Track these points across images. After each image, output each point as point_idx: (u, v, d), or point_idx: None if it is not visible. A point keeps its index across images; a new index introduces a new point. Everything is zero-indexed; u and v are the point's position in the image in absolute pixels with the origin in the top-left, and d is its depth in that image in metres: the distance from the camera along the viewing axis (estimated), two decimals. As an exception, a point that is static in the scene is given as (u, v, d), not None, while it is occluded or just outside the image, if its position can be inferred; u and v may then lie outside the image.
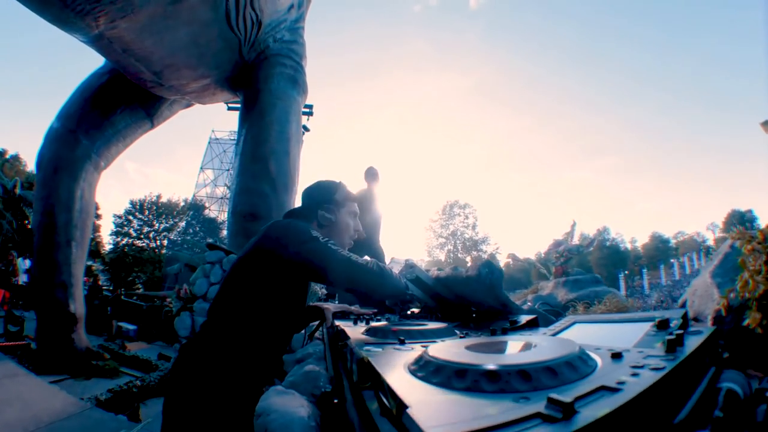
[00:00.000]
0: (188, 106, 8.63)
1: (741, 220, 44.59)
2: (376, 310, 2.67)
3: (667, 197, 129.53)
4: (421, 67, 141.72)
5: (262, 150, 6.39)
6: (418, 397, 0.60)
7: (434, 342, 1.10)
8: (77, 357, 6.85)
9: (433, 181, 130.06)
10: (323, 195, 1.61)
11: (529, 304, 5.73)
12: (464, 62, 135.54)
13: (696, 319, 3.90)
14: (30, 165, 30.79)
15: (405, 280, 1.72)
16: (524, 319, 1.47)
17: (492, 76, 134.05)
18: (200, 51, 6.31)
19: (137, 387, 6.12)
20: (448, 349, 0.83)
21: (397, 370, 0.81)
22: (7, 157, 31.76)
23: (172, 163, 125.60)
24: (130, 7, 4.84)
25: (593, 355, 0.77)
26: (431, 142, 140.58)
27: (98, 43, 5.48)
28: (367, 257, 1.40)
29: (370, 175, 5.23)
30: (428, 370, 0.73)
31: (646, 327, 1.02)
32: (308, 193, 1.64)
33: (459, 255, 55.08)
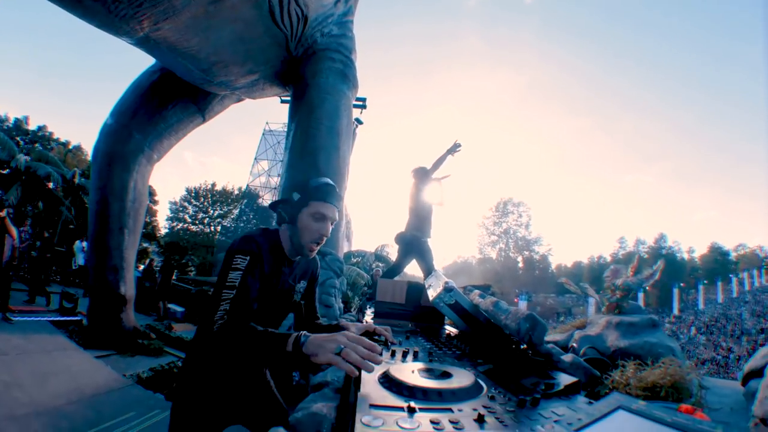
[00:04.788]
0: (239, 100, 8.79)
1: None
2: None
3: (728, 206, 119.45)
4: (475, 63, 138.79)
5: (311, 145, 6.30)
6: None
7: (450, 409, 0.97)
8: (124, 335, 7.29)
9: (487, 177, 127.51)
10: (292, 190, 1.58)
11: (573, 345, 5.43)
12: (519, 59, 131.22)
13: (765, 422, 3.00)
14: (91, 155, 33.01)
15: (443, 302, 1.76)
16: (563, 383, 1.28)
17: (547, 73, 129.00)
18: (247, 47, 6.36)
19: (177, 368, 6.32)
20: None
21: None
22: (71, 147, 34.31)
23: (229, 153, 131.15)
24: (172, 9, 5.02)
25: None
26: (485, 138, 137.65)
27: (145, 44, 5.75)
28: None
29: (415, 172, 5.72)
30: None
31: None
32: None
33: (511, 254, 53.57)
